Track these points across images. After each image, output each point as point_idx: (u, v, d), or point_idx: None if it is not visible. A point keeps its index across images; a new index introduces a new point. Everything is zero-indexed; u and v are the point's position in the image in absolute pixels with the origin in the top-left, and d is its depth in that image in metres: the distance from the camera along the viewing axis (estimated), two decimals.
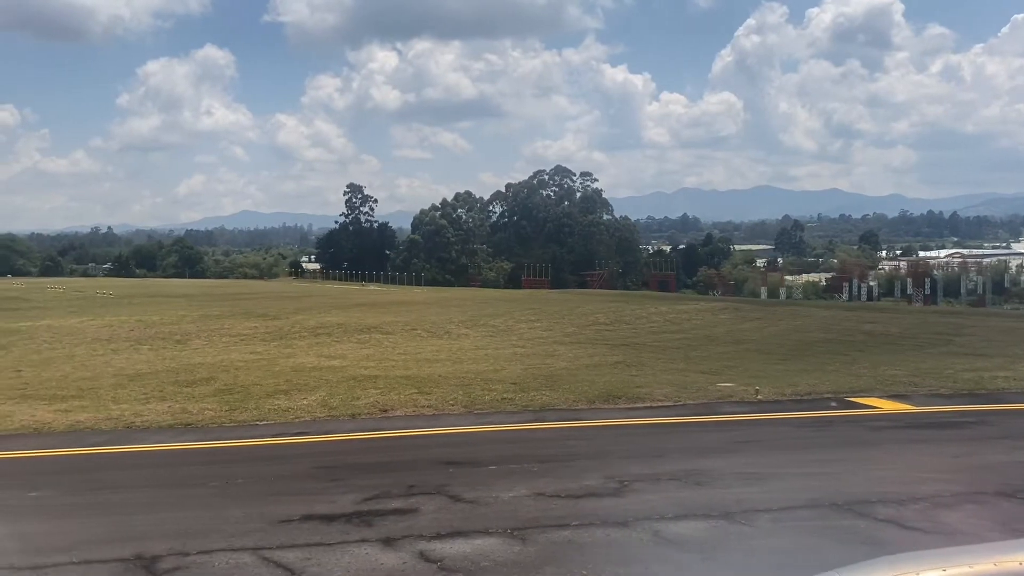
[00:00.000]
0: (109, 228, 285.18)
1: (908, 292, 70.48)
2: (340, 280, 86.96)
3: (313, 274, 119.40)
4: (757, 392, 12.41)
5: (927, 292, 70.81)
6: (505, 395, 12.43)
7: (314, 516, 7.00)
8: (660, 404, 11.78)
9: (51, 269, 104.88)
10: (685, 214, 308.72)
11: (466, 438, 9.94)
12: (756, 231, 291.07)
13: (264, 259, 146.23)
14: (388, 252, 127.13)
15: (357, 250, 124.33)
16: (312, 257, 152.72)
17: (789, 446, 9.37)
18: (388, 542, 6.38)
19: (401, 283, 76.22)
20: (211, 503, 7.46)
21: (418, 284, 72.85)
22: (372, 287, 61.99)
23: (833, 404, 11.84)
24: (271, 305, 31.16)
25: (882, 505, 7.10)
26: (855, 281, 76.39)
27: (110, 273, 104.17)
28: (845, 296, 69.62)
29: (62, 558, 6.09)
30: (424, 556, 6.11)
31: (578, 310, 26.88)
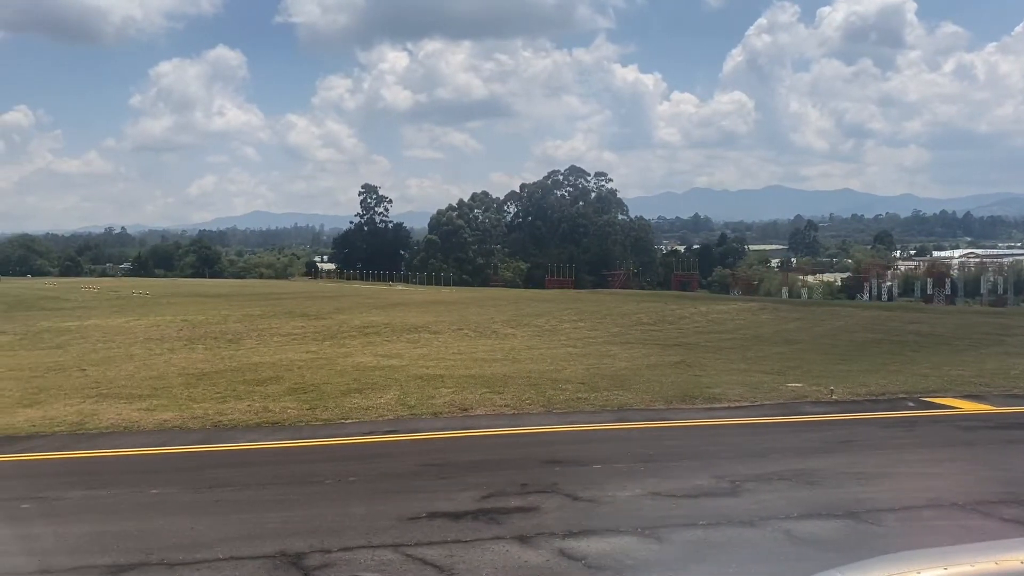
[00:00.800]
0: (123, 228, 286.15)
1: (928, 292, 70.22)
2: (358, 280, 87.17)
3: (328, 274, 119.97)
4: (832, 392, 12.41)
5: (948, 292, 70.54)
6: (578, 395, 12.48)
7: (439, 514, 7.07)
8: (738, 404, 11.81)
9: (71, 269, 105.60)
10: (696, 214, 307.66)
11: (558, 437, 9.99)
12: (768, 231, 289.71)
13: (278, 259, 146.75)
14: (402, 252, 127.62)
15: (372, 250, 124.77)
16: (325, 257, 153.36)
17: (888, 446, 9.37)
18: (523, 540, 6.44)
19: (419, 283, 76.43)
20: (332, 500, 7.54)
21: (438, 284, 73.01)
22: (399, 287, 62.14)
23: (911, 404, 11.82)
24: (309, 305, 31.32)
25: (1005, 506, 7.11)
26: (874, 281, 76.11)
27: (129, 273, 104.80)
28: (865, 296, 69.36)
29: (208, 554, 6.18)
30: (565, 554, 6.16)
31: (617, 310, 26.90)
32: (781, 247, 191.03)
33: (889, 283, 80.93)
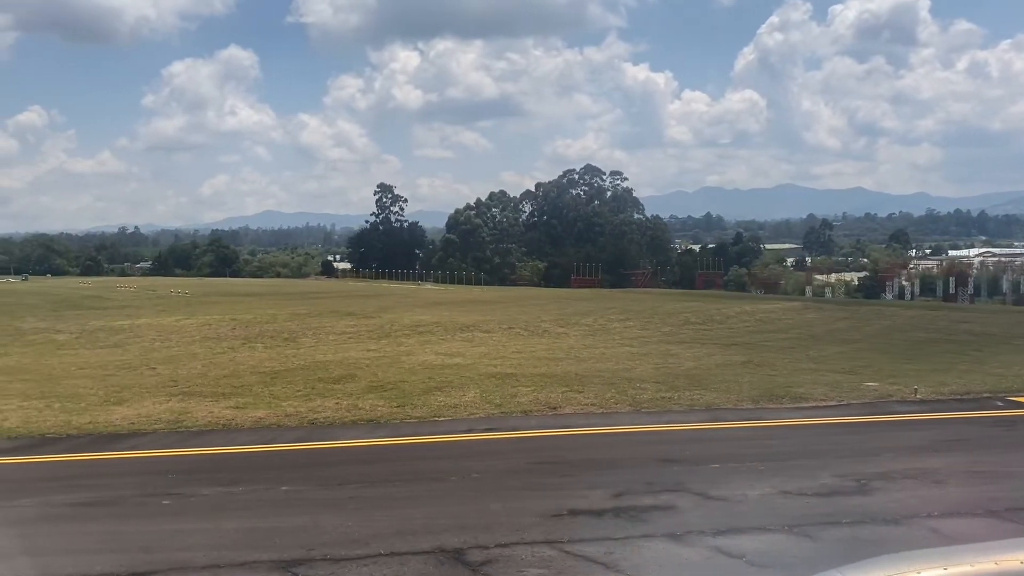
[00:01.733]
0: (136, 228, 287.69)
1: (951, 291, 69.84)
2: (379, 279, 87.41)
3: (344, 273, 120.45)
4: (916, 392, 12.40)
5: (971, 291, 70.14)
6: (661, 394, 12.50)
7: (579, 511, 7.12)
8: (825, 404, 11.81)
9: (91, 268, 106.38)
10: (708, 213, 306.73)
11: (660, 437, 10.04)
12: (781, 230, 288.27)
13: (292, 258, 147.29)
14: (417, 251, 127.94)
15: (387, 249, 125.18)
16: (338, 256, 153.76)
17: (998, 445, 9.37)
18: (675, 537, 6.47)
19: (435, 281, 76.51)
20: (466, 497, 7.60)
21: (455, 283, 73.12)
22: (428, 285, 62.27)
23: (999, 404, 11.80)
24: (350, 304, 31.48)
25: None
26: (896, 280, 75.79)
27: (149, 272, 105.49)
28: (888, 296, 69.02)
29: (367, 550, 6.24)
30: (722, 551, 6.20)
31: (660, 310, 26.91)
32: (795, 246, 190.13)
33: (905, 282, 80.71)
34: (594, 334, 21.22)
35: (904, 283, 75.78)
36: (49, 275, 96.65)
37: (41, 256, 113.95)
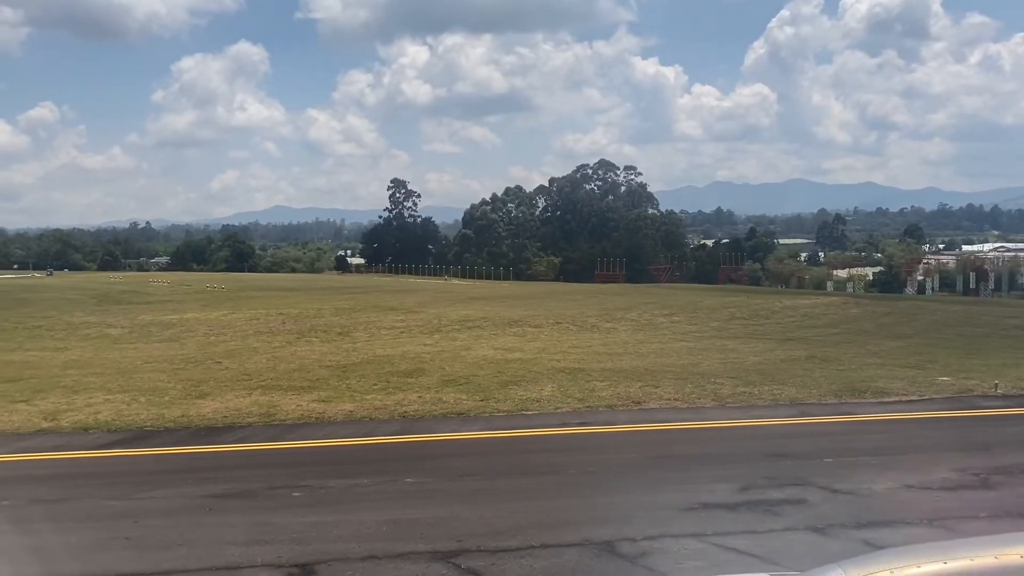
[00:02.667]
0: (147, 223, 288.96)
1: (971, 286, 69.51)
2: (392, 273, 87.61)
3: (358, 269, 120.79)
4: (997, 386, 12.39)
5: (991, 286, 69.84)
6: (738, 389, 12.52)
7: (712, 505, 7.18)
8: (907, 398, 11.83)
9: (109, 263, 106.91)
10: (719, 208, 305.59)
11: (756, 431, 10.10)
12: (792, 224, 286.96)
13: (304, 253, 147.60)
14: (430, 247, 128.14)
15: (400, 244, 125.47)
16: (349, 251, 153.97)
17: None
18: (819, 531, 6.53)
19: (461, 277, 76.55)
20: (590, 490, 7.66)
21: (470, 278, 73.20)
22: (455, 281, 62.31)
23: None
24: (389, 299, 31.60)
25: None
26: (916, 275, 75.54)
27: (168, 267, 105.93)
28: (909, 290, 68.78)
29: (518, 542, 6.31)
30: (872, 544, 6.24)
31: (701, 305, 26.91)
32: (807, 241, 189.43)
33: (921, 277, 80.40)
34: (643, 329, 21.25)
35: (922, 278, 75.56)
36: (66, 269, 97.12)
37: (58, 251, 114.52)
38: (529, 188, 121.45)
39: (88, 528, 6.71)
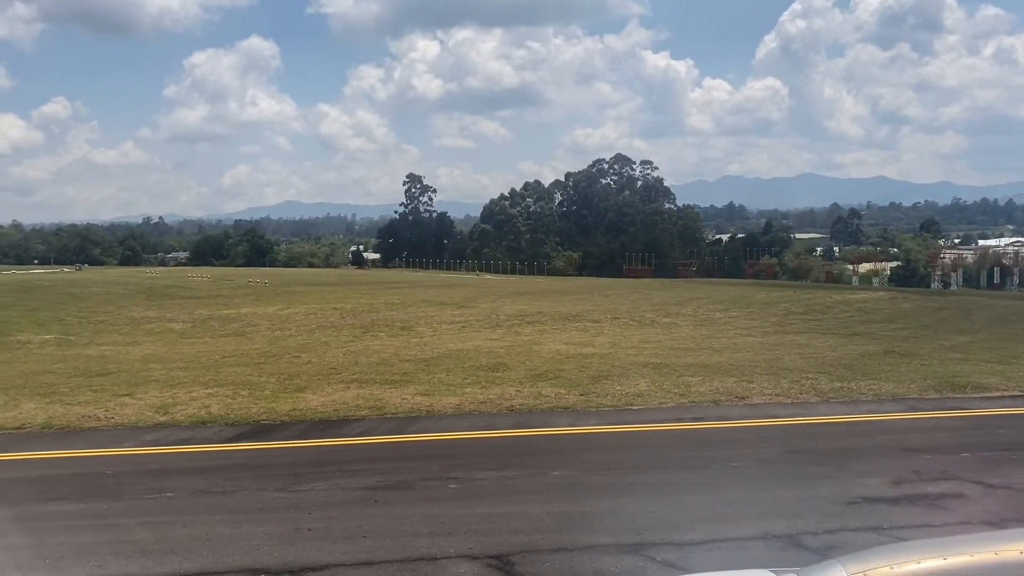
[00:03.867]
0: (160, 218, 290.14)
1: (996, 281, 69.12)
2: (414, 268, 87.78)
3: (374, 264, 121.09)
4: None
5: (1017, 280, 69.39)
6: (834, 384, 12.52)
7: (872, 499, 7.21)
8: (1009, 393, 11.82)
9: (130, 259, 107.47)
10: (731, 202, 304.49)
11: (878, 426, 10.11)
12: (804, 219, 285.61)
13: (319, 248, 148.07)
14: (446, 241, 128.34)
15: (416, 239, 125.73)
16: (362, 246, 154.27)
17: None
18: (995, 525, 6.54)
19: (465, 270, 76.52)
20: (744, 485, 7.69)
21: (491, 272, 73.25)
22: (487, 276, 62.40)
23: None
24: (434, 293, 31.69)
25: None
26: (939, 270, 75.14)
27: (188, 262, 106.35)
28: (936, 284, 68.44)
29: (698, 535, 6.36)
30: None
31: (752, 300, 26.89)
32: (820, 235, 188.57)
33: (939, 272, 79.95)
34: (703, 324, 21.24)
35: (939, 272, 75.16)
36: (86, 264, 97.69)
37: (78, 246, 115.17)
38: (551, 183, 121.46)
39: (268, 520, 6.80)
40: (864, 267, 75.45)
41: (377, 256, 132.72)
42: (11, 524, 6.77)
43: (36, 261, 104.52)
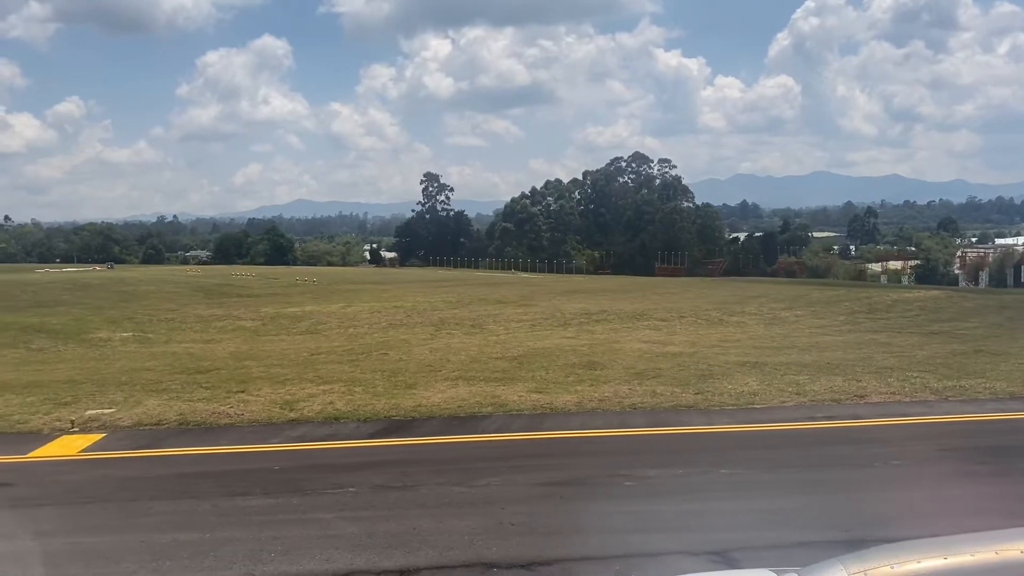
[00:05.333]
0: (175, 217, 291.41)
1: (1022, 279, 68.70)
2: (445, 267, 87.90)
3: (392, 262, 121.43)
4: None
5: None
6: (943, 383, 12.46)
7: None
8: None
9: (152, 257, 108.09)
10: (744, 201, 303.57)
11: (1014, 424, 10.08)
12: (818, 217, 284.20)
13: (334, 247, 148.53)
14: (463, 240, 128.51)
15: (434, 238, 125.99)
16: (374, 245, 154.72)
17: None
18: None
19: (486, 268, 76.63)
20: (922, 483, 7.71)
21: (506, 269, 73.33)
22: (523, 274, 62.49)
23: None
24: (484, 291, 31.78)
25: None
26: (963, 268, 74.83)
27: (211, 261, 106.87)
28: (965, 283, 68.13)
29: (912, 531, 6.39)
30: None
31: (810, 298, 26.83)
32: (835, 234, 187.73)
33: (958, 270, 79.46)
34: (773, 323, 21.22)
35: (970, 271, 74.75)
36: (110, 263, 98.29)
37: (100, 244, 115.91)
38: (569, 181, 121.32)
39: (466, 514, 6.86)
40: (892, 265, 75.23)
41: (394, 255, 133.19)
42: (215, 518, 6.86)
43: (58, 260, 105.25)
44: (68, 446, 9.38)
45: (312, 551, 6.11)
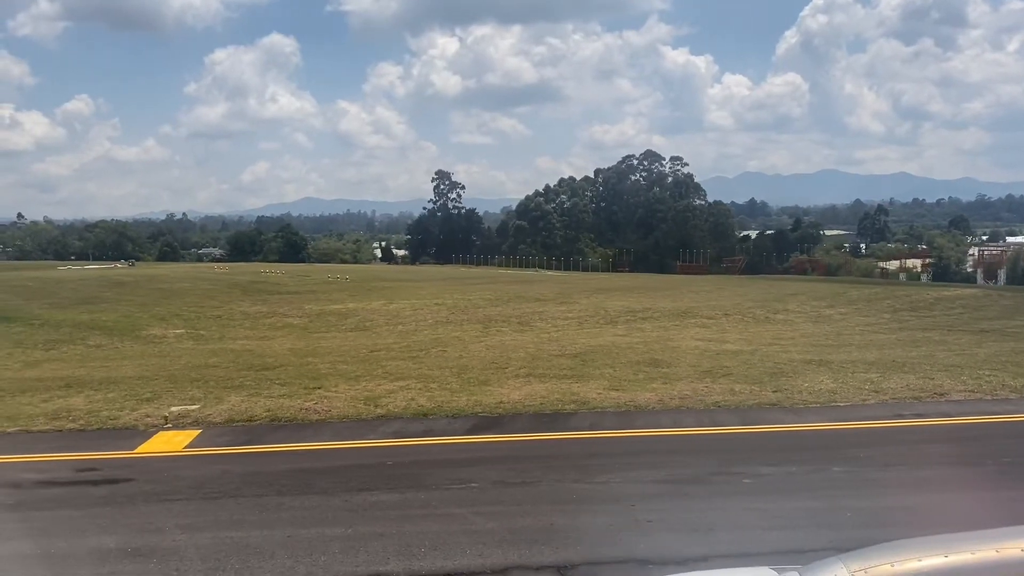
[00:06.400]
0: (184, 215, 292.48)
1: None
2: (464, 264, 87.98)
3: (403, 260, 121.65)
4: None
5: None
6: (1020, 380, 12.48)
7: None
8: None
9: (168, 255, 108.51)
10: (752, 199, 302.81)
11: None
12: (826, 216, 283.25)
13: (344, 245, 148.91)
14: (473, 237, 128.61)
15: (445, 236, 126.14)
16: (383, 243, 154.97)
17: None
18: None
19: (500, 265, 76.81)
20: None
21: (519, 267, 73.44)
22: (549, 272, 62.57)
23: None
24: (518, 289, 31.80)
25: None
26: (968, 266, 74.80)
27: (225, 258, 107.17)
28: (982, 281, 67.95)
29: None
30: None
31: (847, 296, 26.80)
32: (845, 232, 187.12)
33: (971, 268, 79.16)
34: (820, 321, 21.22)
35: (971, 269, 74.66)
36: (123, 261, 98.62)
37: (115, 242, 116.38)
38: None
39: (598, 511, 6.89)
40: (909, 263, 75.05)
41: (404, 252, 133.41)
42: (348, 513, 6.91)
43: (73, 256, 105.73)
44: (170, 442, 9.45)
45: (461, 546, 6.15)
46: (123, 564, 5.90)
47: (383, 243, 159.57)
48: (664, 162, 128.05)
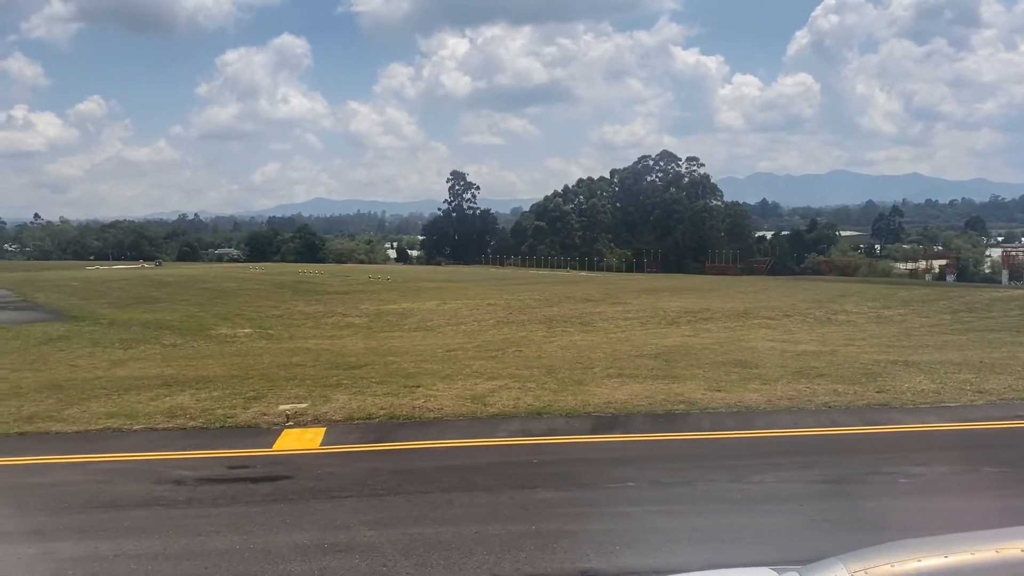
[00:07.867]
0: (196, 215, 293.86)
1: None
2: (487, 264, 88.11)
3: (418, 260, 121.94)
4: None
5: None
6: None
7: None
8: None
9: (188, 255, 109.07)
10: (764, 199, 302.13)
11: None
12: (839, 216, 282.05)
13: (357, 245, 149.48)
14: (488, 238, 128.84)
15: (460, 236, 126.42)
16: (395, 243, 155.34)
17: None
18: None
19: (516, 266, 76.90)
20: None
21: (535, 267, 73.44)
22: (583, 273, 62.69)
23: None
24: (563, 289, 31.85)
25: None
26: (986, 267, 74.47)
27: (243, 258, 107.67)
28: (1006, 282, 67.65)
29: None
30: None
31: (898, 296, 26.73)
32: (858, 232, 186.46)
33: (988, 270, 78.55)
34: (882, 322, 21.19)
35: (1014, 270, 74.15)
36: (142, 261, 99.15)
37: (132, 242, 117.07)
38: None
39: (770, 511, 6.93)
40: (936, 264, 74.77)
41: (418, 253, 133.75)
42: (522, 511, 6.95)
43: (92, 256, 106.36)
44: (300, 439, 9.52)
45: (654, 544, 6.19)
46: (328, 559, 5.96)
47: (396, 243, 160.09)
48: (680, 163, 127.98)
